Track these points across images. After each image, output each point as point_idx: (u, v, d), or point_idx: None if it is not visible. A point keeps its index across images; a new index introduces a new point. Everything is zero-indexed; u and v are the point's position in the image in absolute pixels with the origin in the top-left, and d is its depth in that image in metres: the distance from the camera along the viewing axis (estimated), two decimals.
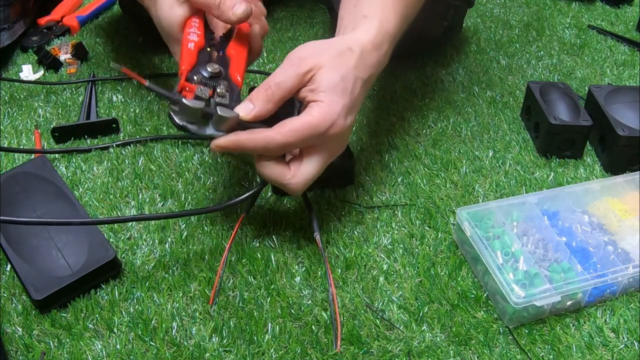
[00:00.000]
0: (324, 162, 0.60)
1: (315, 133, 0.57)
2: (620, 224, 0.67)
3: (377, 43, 0.61)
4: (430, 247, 0.68)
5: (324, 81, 0.57)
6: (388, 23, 0.63)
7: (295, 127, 0.57)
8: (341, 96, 0.58)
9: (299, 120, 0.57)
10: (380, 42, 0.61)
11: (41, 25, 1.02)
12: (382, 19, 0.62)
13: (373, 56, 0.61)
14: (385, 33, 0.62)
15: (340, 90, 0.57)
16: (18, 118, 0.84)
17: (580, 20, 1.10)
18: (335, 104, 0.57)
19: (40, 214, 0.66)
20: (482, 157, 0.79)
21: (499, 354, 0.58)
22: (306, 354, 0.57)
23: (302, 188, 0.60)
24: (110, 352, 0.57)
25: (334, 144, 0.60)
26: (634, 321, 0.61)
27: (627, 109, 0.78)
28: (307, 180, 0.60)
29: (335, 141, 0.60)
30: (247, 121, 0.57)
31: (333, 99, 0.57)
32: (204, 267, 0.65)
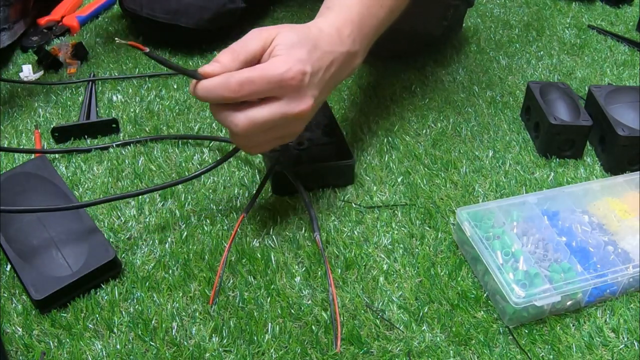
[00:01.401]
0: (277, 114, 0.58)
1: (271, 77, 0.56)
2: (620, 224, 0.67)
3: (336, 25, 0.63)
4: (430, 247, 0.68)
5: (282, 40, 0.58)
6: (350, 10, 0.64)
7: (253, 71, 0.57)
8: (299, 50, 0.58)
9: (257, 66, 0.58)
10: (338, 25, 0.63)
11: (41, 25, 1.02)
12: (343, 7, 0.65)
13: (332, 35, 0.62)
14: (346, 19, 0.64)
15: (298, 46, 0.58)
16: (18, 118, 0.84)
17: (580, 20, 1.10)
18: (293, 55, 0.58)
19: (40, 214, 0.66)
20: (482, 157, 0.79)
21: (499, 354, 0.58)
22: (306, 354, 0.57)
23: (244, 131, 0.58)
24: (110, 352, 0.57)
25: (293, 100, 0.58)
26: (634, 321, 0.61)
27: (627, 109, 0.78)
28: (251, 124, 0.57)
29: (294, 97, 0.58)
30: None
31: (291, 52, 0.58)
32: (204, 267, 0.65)
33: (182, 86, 0.90)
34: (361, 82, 0.92)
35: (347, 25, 0.64)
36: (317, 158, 0.74)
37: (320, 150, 0.75)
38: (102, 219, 0.70)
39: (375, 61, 0.96)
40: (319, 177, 0.73)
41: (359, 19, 0.65)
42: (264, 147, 0.63)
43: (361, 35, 0.65)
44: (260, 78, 0.56)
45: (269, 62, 0.58)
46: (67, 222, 0.65)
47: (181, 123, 0.84)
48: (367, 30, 0.66)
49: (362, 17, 0.65)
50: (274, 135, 0.60)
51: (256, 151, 0.65)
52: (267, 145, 0.63)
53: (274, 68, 0.57)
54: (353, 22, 0.64)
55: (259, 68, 0.57)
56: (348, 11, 0.65)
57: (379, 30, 0.69)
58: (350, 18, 0.64)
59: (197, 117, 0.85)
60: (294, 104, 0.58)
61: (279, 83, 0.57)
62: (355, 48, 0.65)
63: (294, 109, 0.58)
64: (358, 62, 0.67)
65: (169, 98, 0.88)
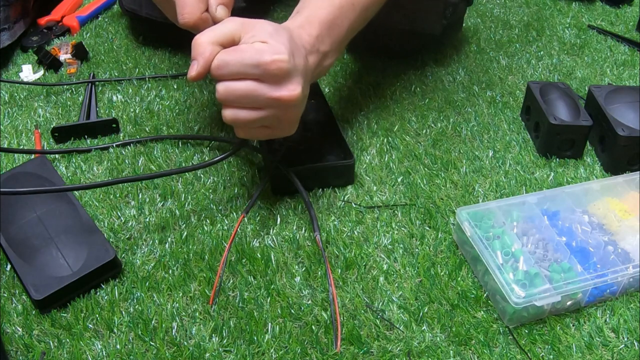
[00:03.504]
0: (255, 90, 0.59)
1: (255, 58, 0.58)
2: (620, 224, 0.67)
3: (304, 27, 0.65)
4: (430, 247, 0.68)
5: (262, 29, 0.60)
6: (318, 11, 0.66)
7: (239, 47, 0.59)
8: (280, 38, 0.60)
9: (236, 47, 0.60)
10: (306, 26, 0.65)
11: (41, 25, 1.02)
12: (312, 10, 0.66)
13: (302, 35, 0.64)
14: (313, 21, 0.65)
15: (277, 36, 0.60)
16: (18, 118, 0.84)
17: (580, 20, 1.10)
18: (278, 43, 0.59)
19: (40, 214, 0.66)
20: (482, 157, 0.79)
21: (499, 354, 0.58)
22: (306, 354, 0.57)
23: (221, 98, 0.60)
24: (110, 352, 0.57)
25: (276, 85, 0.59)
26: (634, 321, 0.61)
27: (627, 109, 0.78)
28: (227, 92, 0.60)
29: (277, 82, 0.59)
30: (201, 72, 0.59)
31: (275, 39, 0.59)
32: (204, 267, 0.65)
33: (182, 86, 0.90)
34: (361, 82, 0.92)
35: (315, 27, 0.65)
36: (317, 158, 0.74)
37: (320, 150, 0.75)
38: (102, 219, 0.70)
39: (375, 61, 0.96)
40: (319, 177, 0.73)
41: (330, 19, 0.66)
42: (252, 132, 0.64)
43: (331, 37, 0.67)
44: (241, 63, 0.59)
45: (251, 45, 0.59)
46: (68, 222, 0.65)
47: (181, 123, 0.84)
48: (338, 30, 0.68)
49: (333, 18, 0.67)
50: (258, 116, 0.61)
51: (244, 133, 0.64)
52: (254, 130, 0.63)
53: (260, 49, 0.58)
54: (322, 24, 0.66)
55: (244, 49, 0.59)
56: (317, 13, 0.66)
57: (352, 30, 0.71)
58: (319, 19, 0.66)
59: (197, 117, 0.85)
60: (276, 88, 0.59)
61: (258, 66, 0.58)
62: (325, 48, 0.66)
63: (275, 92, 0.59)
64: (329, 62, 0.69)
65: (169, 98, 0.88)
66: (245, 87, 0.59)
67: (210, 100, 0.88)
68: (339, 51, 0.70)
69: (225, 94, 0.60)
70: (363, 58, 0.98)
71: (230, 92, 0.60)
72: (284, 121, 0.63)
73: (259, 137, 0.65)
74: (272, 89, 0.59)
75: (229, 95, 0.60)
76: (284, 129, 0.64)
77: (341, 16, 0.67)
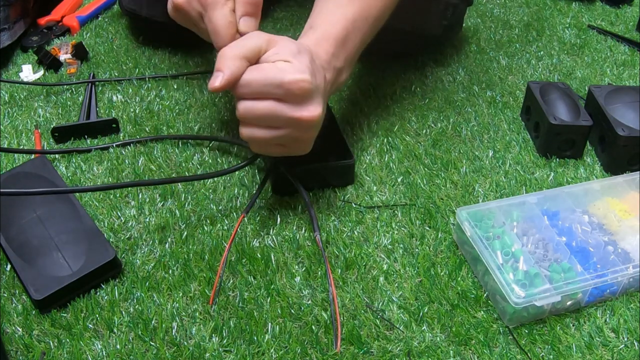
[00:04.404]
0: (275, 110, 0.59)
1: (278, 78, 0.58)
2: (620, 224, 0.67)
3: (320, 44, 0.64)
4: (430, 247, 0.68)
5: (286, 48, 0.60)
6: (333, 27, 0.66)
7: (262, 66, 0.59)
8: (303, 58, 0.59)
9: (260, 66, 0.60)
10: (322, 43, 0.65)
11: (41, 25, 1.02)
12: (326, 26, 0.66)
13: (319, 53, 0.64)
14: (329, 37, 0.65)
15: (300, 56, 0.59)
16: (18, 118, 0.84)
17: (580, 20, 1.10)
18: (301, 63, 0.59)
19: (40, 214, 0.66)
20: (482, 157, 0.79)
21: (499, 354, 0.58)
22: (306, 354, 0.57)
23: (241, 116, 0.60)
24: (110, 352, 0.57)
25: (297, 106, 0.59)
26: (634, 321, 0.61)
27: (627, 109, 0.78)
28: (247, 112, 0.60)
29: (299, 103, 0.59)
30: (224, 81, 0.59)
31: (298, 59, 0.59)
32: (204, 267, 0.65)
33: (182, 86, 0.90)
34: (361, 82, 0.92)
35: (331, 43, 0.65)
36: (317, 158, 0.73)
37: (320, 150, 0.74)
38: (102, 219, 0.70)
39: (375, 61, 0.96)
40: (319, 177, 0.73)
41: (344, 34, 0.66)
42: (268, 148, 0.64)
43: (345, 52, 0.67)
44: (263, 82, 0.58)
45: (274, 64, 0.59)
46: (68, 223, 0.65)
47: (181, 123, 0.84)
48: (352, 45, 0.68)
49: (347, 33, 0.66)
50: (276, 135, 0.61)
51: (259, 149, 0.65)
52: (270, 147, 0.63)
53: (282, 69, 0.58)
54: (337, 40, 0.66)
55: (266, 68, 0.59)
56: (331, 29, 0.66)
57: (364, 42, 0.71)
58: (334, 36, 0.66)
59: (197, 117, 0.85)
60: (297, 109, 0.59)
61: (281, 86, 0.58)
62: (339, 64, 0.66)
63: (296, 113, 0.59)
64: (344, 77, 0.69)
65: (169, 98, 0.88)
66: (266, 107, 0.59)
67: (210, 100, 0.88)
68: (351, 66, 0.70)
69: (246, 113, 0.60)
70: (363, 58, 0.97)
71: (251, 111, 0.60)
72: (301, 141, 0.63)
73: (274, 154, 0.65)
74: (293, 109, 0.59)
75: (249, 114, 0.60)
76: (299, 148, 0.64)
77: (354, 30, 0.67)
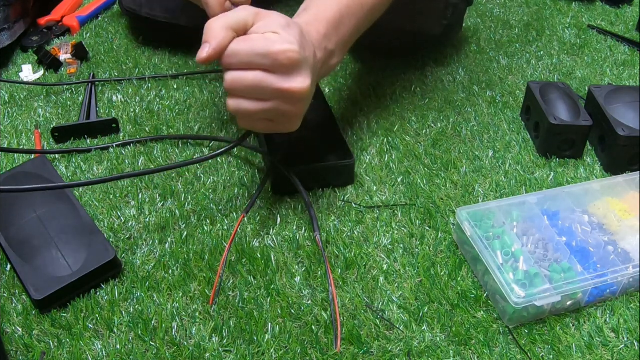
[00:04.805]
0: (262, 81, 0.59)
1: (266, 47, 0.57)
2: (620, 224, 0.67)
3: (311, 24, 0.64)
4: (430, 247, 0.68)
5: (275, 21, 0.60)
6: (326, 10, 0.66)
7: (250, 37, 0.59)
8: (292, 31, 0.59)
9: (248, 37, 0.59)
10: (314, 23, 0.64)
11: (41, 25, 1.02)
12: (319, 8, 0.66)
13: (310, 30, 0.63)
14: (321, 19, 0.65)
15: (289, 29, 0.59)
16: (18, 118, 0.84)
17: (580, 20, 1.10)
18: (289, 35, 0.59)
19: (40, 214, 0.66)
20: (482, 157, 0.79)
21: (499, 354, 0.58)
22: (306, 354, 0.57)
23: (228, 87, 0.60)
24: (110, 352, 0.57)
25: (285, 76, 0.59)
26: (634, 321, 0.61)
27: (627, 109, 0.78)
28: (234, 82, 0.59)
29: (286, 74, 0.59)
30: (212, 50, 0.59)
31: (286, 31, 0.59)
32: (204, 267, 0.65)
33: (182, 86, 0.90)
34: (361, 82, 0.92)
35: (323, 24, 0.65)
36: (317, 158, 0.74)
37: (320, 150, 0.75)
38: (102, 219, 0.70)
39: (375, 61, 0.96)
40: (319, 177, 0.73)
41: (337, 18, 0.66)
42: (255, 123, 0.63)
43: (338, 35, 0.67)
44: (251, 51, 0.58)
45: (262, 35, 0.59)
46: (68, 222, 0.65)
47: (181, 123, 0.84)
48: (345, 29, 0.67)
49: (340, 17, 0.66)
50: (263, 108, 0.60)
51: (246, 124, 0.63)
52: (257, 122, 0.62)
53: (272, 40, 0.58)
54: (329, 22, 0.65)
55: (254, 38, 0.59)
56: (324, 11, 0.66)
57: (359, 30, 0.70)
58: (326, 18, 0.65)
59: (197, 117, 0.85)
60: (285, 80, 0.59)
61: (268, 56, 0.58)
62: (331, 47, 0.66)
63: (284, 84, 0.59)
64: (334, 62, 0.68)
65: (169, 98, 0.88)
66: (254, 78, 0.59)
67: (210, 100, 0.88)
68: (344, 51, 0.70)
69: (233, 83, 0.59)
70: (363, 58, 0.98)
71: (238, 82, 0.59)
72: (288, 116, 0.62)
73: (261, 129, 0.64)
74: (280, 80, 0.58)
75: (236, 85, 0.59)
76: (287, 124, 0.63)
77: (348, 15, 0.67)
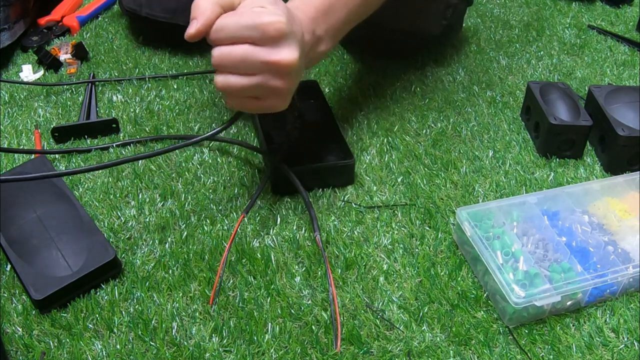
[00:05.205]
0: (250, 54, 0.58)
1: (253, 20, 0.57)
2: (620, 224, 0.67)
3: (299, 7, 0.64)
4: (430, 247, 0.68)
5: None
6: None
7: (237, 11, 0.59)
8: (279, 7, 0.59)
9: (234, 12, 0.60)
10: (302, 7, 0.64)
11: (41, 25, 1.02)
12: None
13: (297, 12, 0.63)
14: (309, 4, 0.65)
15: (276, 4, 0.59)
16: (18, 118, 0.84)
17: (580, 20, 1.10)
18: (276, 8, 0.59)
19: (40, 214, 0.66)
20: (482, 157, 0.79)
21: (499, 354, 0.58)
22: (306, 354, 0.57)
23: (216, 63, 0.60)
24: (110, 352, 0.57)
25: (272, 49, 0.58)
26: (634, 321, 0.61)
27: (627, 109, 0.78)
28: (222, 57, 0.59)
29: (273, 46, 0.58)
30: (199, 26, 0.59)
31: (273, 5, 0.59)
32: (204, 267, 0.65)
33: (182, 86, 0.90)
34: (361, 82, 0.92)
35: (311, 9, 0.65)
36: (317, 158, 0.74)
37: (320, 150, 0.75)
38: (102, 219, 0.70)
39: (375, 61, 0.96)
40: (319, 177, 0.73)
41: (327, 4, 0.66)
42: (243, 102, 0.62)
43: (327, 22, 0.67)
44: (239, 25, 0.58)
45: (249, 9, 0.59)
46: (68, 222, 0.65)
47: (181, 123, 0.84)
48: (336, 17, 0.67)
49: (330, 4, 0.66)
50: (250, 82, 0.60)
51: (234, 102, 0.63)
52: (246, 100, 0.62)
53: (258, 13, 0.58)
54: (317, 8, 0.65)
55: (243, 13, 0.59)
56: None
57: (350, 20, 0.70)
58: (314, 3, 0.65)
59: (197, 117, 0.85)
60: (272, 52, 0.58)
61: (256, 28, 0.57)
62: (320, 32, 0.66)
63: (271, 56, 0.58)
64: (323, 49, 0.68)
65: (169, 98, 0.88)
66: (241, 51, 0.58)
67: (210, 100, 0.88)
68: (334, 40, 0.69)
69: (221, 58, 0.59)
70: (363, 58, 0.98)
71: (226, 56, 0.59)
72: (276, 93, 0.61)
73: (249, 108, 0.63)
74: (268, 52, 0.58)
75: (223, 59, 0.59)
76: (276, 101, 0.62)
77: (339, 4, 0.67)
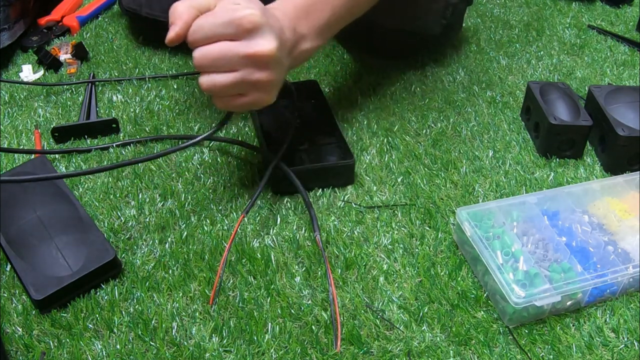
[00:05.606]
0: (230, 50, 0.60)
1: (227, 16, 0.59)
2: (620, 224, 0.67)
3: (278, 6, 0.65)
4: (430, 247, 0.68)
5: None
6: None
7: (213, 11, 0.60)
8: (253, 2, 0.60)
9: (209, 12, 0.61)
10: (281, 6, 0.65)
11: (41, 25, 1.02)
12: None
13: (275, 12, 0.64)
14: (289, 1, 0.66)
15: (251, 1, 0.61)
16: (18, 118, 0.84)
17: (580, 20, 1.10)
18: (250, 3, 0.60)
19: (40, 214, 0.66)
20: (482, 157, 0.79)
21: (499, 354, 0.58)
22: (306, 354, 0.57)
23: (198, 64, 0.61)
24: (110, 352, 0.57)
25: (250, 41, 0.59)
26: (634, 321, 0.61)
27: (627, 109, 0.78)
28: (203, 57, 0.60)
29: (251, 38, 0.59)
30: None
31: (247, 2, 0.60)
32: (204, 267, 0.65)
33: (182, 86, 0.90)
34: (361, 82, 0.92)
35: (289, 8, 0.66)
36: (317, 158, 0.74)
37: (320, 150, 0.75)
38: (102, 219, 0.70)
39: (375, 61, 0.96)
40: (319, 177, 0.73)
41: (307, 3, 0.67)
42: (230, 101, 0.63)
43: (310, 20, 0.67)
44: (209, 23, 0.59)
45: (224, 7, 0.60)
46: (68, 223, 0.65)
47: (181, 123, 0.84)
48: (318, 15, 0.68)
49: (311, 3, 0.67)
50: (233, 79, 0.60)
51: (221, 103, 0.64)
52: (232, 99, 0.63)
53: (232, 8, 0.59)
54: (296, 7, 0.66)
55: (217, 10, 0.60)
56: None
57: (338, 18, 0.70)
58: (293, 2, 0.66)
59: (197, 117, 0.85)
60: (249, 44, 0.59)
61: (231, 23, 0.59)
62: (302, 30, 0.66)
63: (249, 49, 0.59)
64: (308, 46, 0.68)
65: (169, 98, 0.88)
66: (220, 48, 0.60)
67: (210, 100, 0.88)
68: (322, 38, 0.69)
69: (201, 58, 0.60)
70: (363, 58, 0.98)
71: (205, 55, 0.60)
72: (260, 84, 0.62)
73: (237, 107, 0.64)
74: (245, 45, 0.59)
75: (204, 58, 0.60)
76: (260, 96, 0.63)
77: (321, 1, 0.68)
